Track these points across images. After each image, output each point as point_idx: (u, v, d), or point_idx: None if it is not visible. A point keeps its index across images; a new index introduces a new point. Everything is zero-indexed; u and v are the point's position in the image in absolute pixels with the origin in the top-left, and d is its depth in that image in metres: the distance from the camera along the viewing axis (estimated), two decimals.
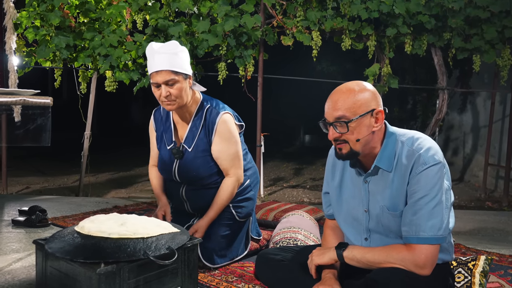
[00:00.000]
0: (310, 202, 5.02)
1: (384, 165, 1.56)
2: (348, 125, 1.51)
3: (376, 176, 1.60)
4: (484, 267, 1.81)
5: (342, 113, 1.52)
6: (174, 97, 2.17)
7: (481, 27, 4.21)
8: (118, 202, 4.10)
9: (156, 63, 2.13)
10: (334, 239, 1.80)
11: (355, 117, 1.51)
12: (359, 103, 1.51)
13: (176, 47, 2.18)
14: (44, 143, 2.17)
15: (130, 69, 4.29)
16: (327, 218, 1.87)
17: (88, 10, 4.14)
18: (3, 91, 2.11)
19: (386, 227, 1.58)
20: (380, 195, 1.58)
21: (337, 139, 1.56)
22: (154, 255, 1.50)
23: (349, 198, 1.69)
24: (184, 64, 2.19)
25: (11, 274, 2.16)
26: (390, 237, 1.59)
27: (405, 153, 1.54)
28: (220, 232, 2.34)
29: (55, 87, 4.41)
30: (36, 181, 6.06)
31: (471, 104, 6.72)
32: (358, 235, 1.67)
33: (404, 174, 1.53)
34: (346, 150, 1.56)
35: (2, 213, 3.41)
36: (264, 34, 4.22)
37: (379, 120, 1.55)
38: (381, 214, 1.58)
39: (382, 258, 1.51)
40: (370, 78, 4.31)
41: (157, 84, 2.15)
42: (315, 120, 1.80)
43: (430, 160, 1.49)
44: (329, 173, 1.81)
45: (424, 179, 1.49)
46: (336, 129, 1.54)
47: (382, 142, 1.58)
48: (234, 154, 2.32)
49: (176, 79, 2.15)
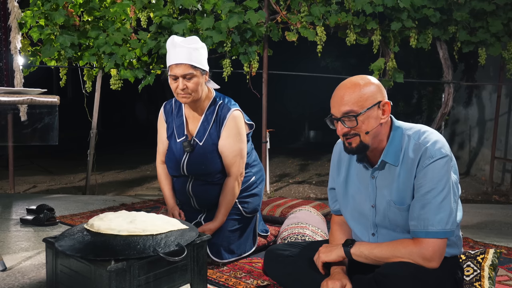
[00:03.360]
0: (316, 198, 5.02)
1: (391, 159, 1.56)
2: (357, 119, 1.51)
3: (383, 170, 1.59)
4: (493, 260, 1.81)
5: (349, 108, 1.51)
6: (190, 91, 2.22)
7: (487, 20, 4.19)
8: (125, 200, 4.11)
9: (176, 56, 2.18)
10: (341, 234, 1.80)
11: (363, 110, 1.51)
12: (366, 96, 1.52)
13: (197, 42, 2.25)
14: (52, 142, 2.18)
15: (135, 67, 4.30)
16: (334, 214, 1.87)
17: (92, 8, 4.14)
18: (10, 90, 2.12)
19: (393, 221, 1.58)
20: (387, 190, 1.58)
21: (346, 134, 1.55)
22: (164, 252, 1.51)
23: (355, 193, 1.69)
24: (203, 60, 2.25)
25: (21, 273, 2.18)
26: (397, 231, 1.59)
27: (412, 147, 1.54)
28: (227, 227, 2.35)
29: (60, 86, 4.42)
30: (42, 180, 6.08)
31: (476, 97, 6.68)
32: (365, 231, 1.67)
33: (411, 168, 1.52)
34: (356, 143, 1.55)
35: (10, 212, 3.43)
36: (269, 30, 4.21)
37: (386, 111, 1.55)
38: (388, 208, 1.58)
39: (390, 253, 1.51)
40: (375, 72, 4.30)
41: (175, 76, 2.20)
42: (320, 115, 1.81)
43: (437, 154, 1.49)
44: (334, 169, 1.80)
45: (431, 173, 1.48)
46: (344, 124, 1.54)
47: (388, 137, 1.58)
48: (237, 151, 2.33)
49: (194, 74, 2.20)
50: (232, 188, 2.33)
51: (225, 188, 2.34)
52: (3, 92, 2.06)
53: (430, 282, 1.43)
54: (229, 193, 2.33)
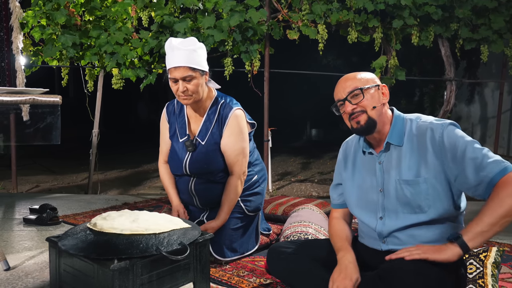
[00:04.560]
0: (318, 196, 5.02)
1: (395, 140, 1.64)
2: (363, 92, 1.62)
3: (388, 153, 1.67)
4: (496, 258, 1.80)
5: (355, 85, 1.64)
6: (191, 92, 2.22)
7: (489, 16, 4.17)
8: (128, 199, 4.12)
9: (175, 59, 2.18)
10: (343, 225, 1.81)
11: (367, 85, 1.64)
12: (366, 78, 1.67)
13: (195, 43, 2.23)
14: (54, 141, 2.19)
15: (137, 66, 4.30)
16: (335, 208, 1.89)
17: (93, 8, 4.15)
18: (12, 90, 2.12)
19: (402, 201, 1.61)
20: (394, 170, 1.64)
21: (353, 111, 1.63)
22: (167, 250, 1.51)
23: (362, 183, 1.74)
24: (202, 61, 2.25)
25: (24, 272, 2.18)
26: (405, 212, 1.62)
27: (415, 127, 1.64)
28: (230, 225, 2.36)
29: (62, 86, 4.43)
30: (45, 179, 6.10)
31: (479, 95, 6.67)
32: (373, 216, 1.69)
33: (418, 143, 1.60)
34: (364, 120, 1.63)
35: (13, 212, 3.44)
36: (270, 29, 4.21)
37: (385, 94, 1.68)
38: (398, 188, 1.62)
39: (499, 209, 1.42)
40: (377, 70, 4.29)
41: (175, 79, 2.20)
42: (321, 114, 1.85)
43: (443, 124, 1.58)
44: (341, 164, 1.86)
45: (452, 138, 1.54)
46: (350, 102, 1.63)
47: (391, 122, 1.68)
48: (239, 150, 2.33)
49: (193, 75, 2.20)
50: (235, 187, 2.33)
51: (228, 187, 2.34)
52: (5, 92, 2.06)
53: (432, 278, 1.43)
54: (232, 192, 2.33)
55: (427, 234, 1.60)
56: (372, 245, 1.71)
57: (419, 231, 1.60)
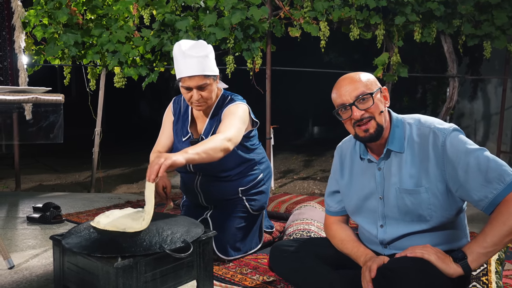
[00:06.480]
0: (321, 194, 5.01)
1: (396, 147, 1.56)
2: (373, 97, 1.52)
3: (389, 160, 1.59)
4: (500, 254, 1.80)
5: (362, 89, 1.53)
6: (205, 99, 2.19)
7: (492, 12, 4.16)
8: (130, 197, 4.12)
9: (188, 68, 2.10)
10: (349, 229, 1.79)
11: (374, 90, 1.54)
12: (370, 81, 1.56)
13: (205, 48, 2.16)
14: (57, 140, 2.19)
15: (139, 64, 4.30)
16: (332, 216, 1.83)
17: (95, 6, 4.15)
18: (15, 89, 2.12)
19: (403, 209, 1.56)
20: (395, 178, 1.57)
21: (362, 118, 1.53)
22: (170, 248, 1.51)
23: (361, 190, 1.68)
24: (213, 65, 2.19)
25: (28, 270, 2.19)
26: (406, 220, 1.58)
27: (416, 132, 1.55)
28: (234, 224, 2.35)
29: (65, 85, 4.44)
30: (48, 178, 6.11)
31: (482, 91, 6.65)
32: (373, 224, 1.66)
33: (418, 151, 1.53)
34: (374, 127, 1.54)
35: (17, 210, 3.45)
36: (272, 26, 4.20)
37: (386, 97, 1.60)
38: (397, 195, 1.56)
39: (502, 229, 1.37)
40: (379, 67, 4.27)
41: (189, 87, 2.15)
42: (323, 111, 1.81)
43: (446, 130, 1.50)
44: (337, 172, 1.79)
45: (455, 147, 1.46)
46: (358, 108, 1.53)
47: (389, 127, 1.60)
48: (235, 120, 2.15)
49: (208, 83, 2.16)
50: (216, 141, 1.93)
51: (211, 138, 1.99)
52: (8, 91, 2.07)
53: (436, 276, 1.43)
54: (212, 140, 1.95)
55: (430, 240, 1.56)
56: (375, 249, 1.68)
57: (422, 239, 1.57)
